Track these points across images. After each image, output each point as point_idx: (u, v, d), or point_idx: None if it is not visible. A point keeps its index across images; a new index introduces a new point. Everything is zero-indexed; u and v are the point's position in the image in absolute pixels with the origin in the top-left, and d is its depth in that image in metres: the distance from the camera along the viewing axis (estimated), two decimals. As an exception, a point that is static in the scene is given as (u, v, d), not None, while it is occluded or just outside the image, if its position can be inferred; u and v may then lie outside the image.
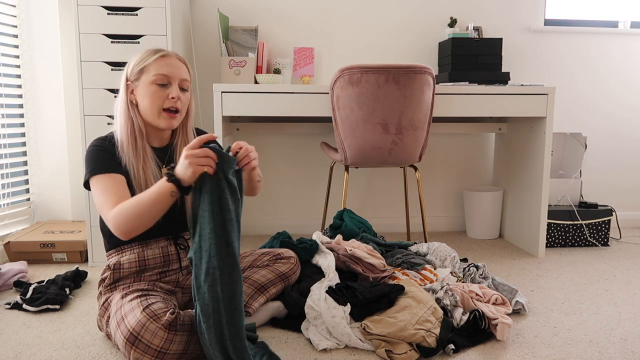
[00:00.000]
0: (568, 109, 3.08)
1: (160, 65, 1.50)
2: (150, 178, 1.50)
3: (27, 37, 2.56)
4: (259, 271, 1.67)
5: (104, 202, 1.41)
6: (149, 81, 1.49)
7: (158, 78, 1.49)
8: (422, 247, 2.13)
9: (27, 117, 2.60)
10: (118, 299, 1.43)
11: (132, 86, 1.52)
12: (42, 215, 2.68)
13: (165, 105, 1.50)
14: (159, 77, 1.49)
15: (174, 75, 1.51)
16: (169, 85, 1.51)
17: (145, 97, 1.50)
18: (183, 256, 1.59)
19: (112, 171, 1.45)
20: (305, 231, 2.95)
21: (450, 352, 1.46)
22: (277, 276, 1.67)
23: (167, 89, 1.51)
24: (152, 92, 1.49)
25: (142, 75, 1.50)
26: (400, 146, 2.25)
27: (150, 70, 1.50)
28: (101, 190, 1.42)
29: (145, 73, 1.50)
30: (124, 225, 1.35)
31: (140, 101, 1.51)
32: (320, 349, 1.48)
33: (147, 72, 1.50)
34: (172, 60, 1.53)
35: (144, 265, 1.52)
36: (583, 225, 2.67)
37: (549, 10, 3.06)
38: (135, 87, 1.52)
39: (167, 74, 1.50)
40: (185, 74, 1.55)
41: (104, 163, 1.46)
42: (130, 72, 1.52)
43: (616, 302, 1.89)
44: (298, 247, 1.86)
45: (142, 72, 1.50)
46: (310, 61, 2.75)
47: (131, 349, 1.29)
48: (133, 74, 1.51)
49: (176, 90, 1.51)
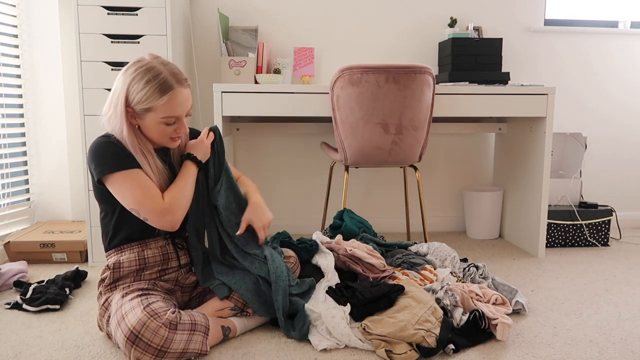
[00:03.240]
0: (568, 109, 3.08)
1: (169, 107, 1.44)
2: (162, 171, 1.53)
3: (27, 37, 2.56)
4: None
5: (145, 198, 1.42)
6: (157, 121, 1.46)
7: (167, 120, 1.46)
8: (422, 247, 2.13)
9: (27, 117, 2.60)
10: (118, 298, 1.43)
11: (135, 115, 1.46)
12: (42, 215, 2.68)
13: (173, 136, 1.51)
14: (168, 119, 1.46)
15: (182, 113, 1.48)
16: (176, 121, 1.49)
17: (152, 131, 1.48)
18: (181, 255, 1.60)
19: (132, 166, 1.45)
20: (305, 231, 2.95)
21: (450, 352, 1.46)
22: None
23: (174, 125, 1.49)
24: (161, 130, 1.48)
25: (149, 114, 1.45)
26: (400, 146, 2.25)
27: (158, 111, 1.44)
28: (133, 188, 1.42)
29: (153, 113, 1.44)
30: (182, 211, 1.49)
31: (146, 130, 1.49)
32: (320, 349, 1.48)
33: (154, 112, 1.44)
34: (181, 96, 1.46)
35: (144, 263, 1.52)
36: (583, 225, 2.67)
37: (549, 11, 3.06)
38: (139, 117, 1.46)
39: (176, 115, 1.46)
40: (190, 104, 1.51)
41: (122, 159, 1.44)
42: (134, 102, 1.43)
43: (616, 302, 1.89)
44: (298, 247, 1.86)
45: (148, 111, 1.44)
46: (310, 61, 2.75)
47: (132, 348, 1.30)
48: (137, 108, 1.44)
49: (184, 125, 1.51)
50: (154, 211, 1.43)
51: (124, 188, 1.42)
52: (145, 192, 1.43)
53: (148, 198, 1.43)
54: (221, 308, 1.56)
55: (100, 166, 1.43)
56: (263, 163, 2.91)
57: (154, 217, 1.44)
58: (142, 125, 1.48)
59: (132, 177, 1.43)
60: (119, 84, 1.46)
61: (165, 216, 1.44)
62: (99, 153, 1.44)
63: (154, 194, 1.44)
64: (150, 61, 1.46)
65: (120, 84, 1.45)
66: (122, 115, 1.45)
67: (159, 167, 1.53)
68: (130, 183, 1.42)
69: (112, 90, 1.48)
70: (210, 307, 1.56)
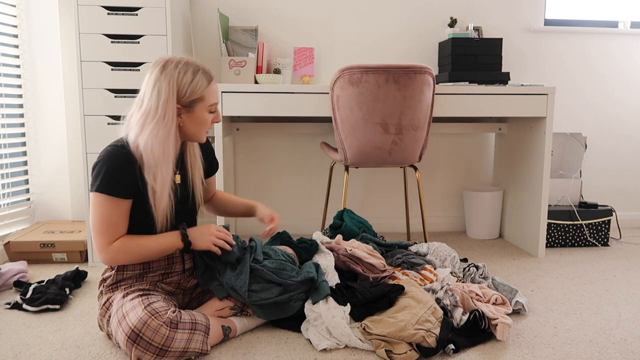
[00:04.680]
0: (568, 109, 3.08)
1: (214, 93, 1.53)
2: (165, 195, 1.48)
3: (27, 37, 2.56)
4: None
5: (101, 231, 1.42)
6: (205, 110, 1.51)
7: (213, 107, 1.53)
8: (422, 247, 2.13)
9: (27, 117, 2.60)
10: (119, 298, 1.43)
11: (182, 110, 1.48)
12: (42, 215, 2.68)
13: (209, 128, 1.57)
14: (214, 107, 1.53)
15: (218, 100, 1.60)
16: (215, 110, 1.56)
17: (198, 123, 1.51)
18: (186, 259, 1.60)
19: (120, 195, 1.41)
20: (305, 231, 2.95)
21: (450, 352, 1.46)
22: None
23: (213, 115, 1.55)
24: (205, 119, 1.52)
25: (198, 103, 1.49)
26: (400, 146, 2.25)
27: (206, 99, 1.50)
28: (103, 215, 1.41)
29: (201, 102, 1.49)
30: (122, 262, 1.45)
31: (190, 125, 1.50)
32: (320, 349, 1.48)
33: (202, 101, 1.49)
34: (215, 83, 1.55)
35: (148, 267, 1.52)
36: (583, 225, 2.67)
37: (549, 10, 3.06)
38: (186, 112, 1.48)
39: (217, 101, 1.55)
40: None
41: (116, 184, 1.40)
42: (186, 95, 1.45)
43: (616, 302, 1.89)
44: (298, 247, 1.87)
45: (198, 100, 1.48)
46: (310, 61, 2.75)
47: (132, 347, 1.30)
48: (187, 100, 1.46)
49: (219, 114, 1.58)
50: (96, 244, 1.43)
51: (95, 210, 1.42)
52: (103, 226, 1.41)
53: (101, 232, 1.42)
54: (221, 308, 1.56)
55: (94, 179, 1.42)
56: (263, 163, 2.91)
57: (96, 248, 1.44)
58: (187, 119, 1.50)
59: (107, 206, 1.41)
60: (164, 84, 1.43)
61: (101, 254, 1.43)
62: (101, 167, 1.41)
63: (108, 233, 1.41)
64: (179, 57, 1.51)
65: (166, 85, 1.43)
66: (173, 115, 1.45)
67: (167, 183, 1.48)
68: (100, 211, 1.41)
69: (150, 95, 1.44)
70: (210, 307, 1.56)
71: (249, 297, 1.53)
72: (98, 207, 1.41)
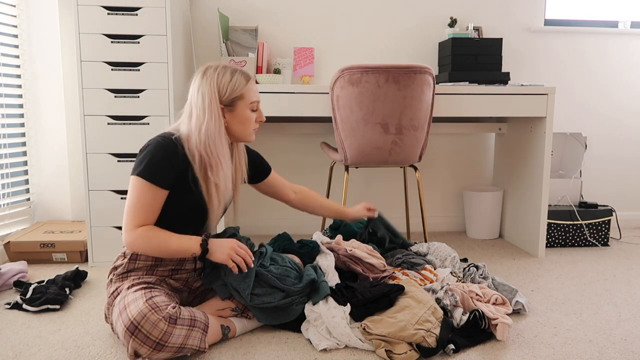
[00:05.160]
0: (568, 109, 3.08)
1: (254, 92, 1.60)
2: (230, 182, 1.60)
3: (27, 37, 2.56)
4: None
5: (133, 213, 1.46)
6: (247, 108, 1.58)
7: (253, 105, 1.60)
8: (422, 247, 2.13)
9: (27, 117, 2.60)
10: (125, 289, 1.45)
11: (226, 110, 1.56)
12: (42, 215, 2.68)
13: (255, 127, 1.64)
14: (254, 105, 1.60)
15: (259, 99, 1.64)
16: (257, 109, 1.63)
17: (242, 122, 1.58)
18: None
19: (159, 184, 1.46)
20: (305, 231, 2.95)
21: (450, 352, 1.46)
22: None
23: (256, 113, 1.63)
24: (248, 117, 1.59)
25: (239, 102, 1.56)
26: (400, 146, 2.25)
27: (246, 97, 1.57)
28: (137, 200, 1.46)
29: (241, 100, 1.56)
30: (140, 248, 1.46)
31: (234, 124, 1.58)
32: (320, 349, 1.48)
33: (243, 99, 1.57)
34: (254, 83, 1.62)
35: (160, 260, 1.54)
36: (583, 225, 2.67)
37: (549, 11, 3.06)
38: (229, 111, 1.56)
39: (258, 100, 1.62)
40: None
41: (158, 172, 1.46)
42: (226, 94, 1.54)
43: (616, 302, 1.89)
44: (300, 253, 1.86)
45: (239, 99, 1.56)
46: (310, 61, 2.75)
47: (130, 338, 1.30)
48: (228, 99, 1.54)
49: (262, 113, 1.64)
50: (124, 224, 1.47)
51: (132, 193, 1.47)
52: (135, 209, 1.46)
53: (132, 214, 1.46)
54: (222, 308, 1.56)
55: (139, 164, 1.48)
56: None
57: (123, 228, 1.48)
58: (231, 118, 1.57)
59: (144, 191, 1.46)
60: (206, 87, 1.53)
61: (124, 234, 1.47)
62: (148, 153, 1.47)
63: (138, 215, 1.46)
64: (217, 63, 1.61)
65: (207, 87, 1.53)
66: (219, 115, 1.53)
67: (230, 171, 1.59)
68: (138, 194, 1.46)
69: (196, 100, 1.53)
70: (212, 305, 1.57)
71: (251, 300, 1.53)
72: (136, 190, 1.46)
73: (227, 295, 1.56)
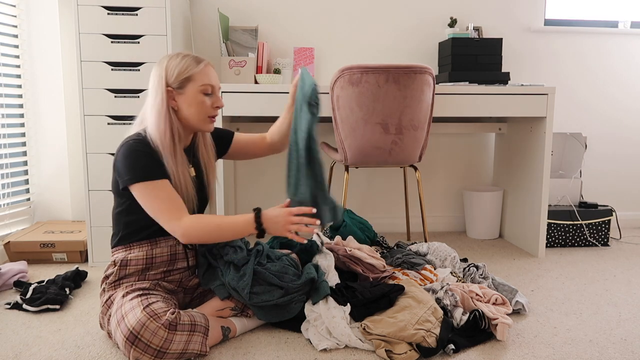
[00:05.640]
0: (568, 109, 3.08)
1: (206, 74, 1.54)
2: (188, 180, 1.54)
3: (27, 37, 2.56)
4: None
5: (166, 210, 1.45)
6: (197, 90, 1.53)
7: (205, 88, 1.54)
8: (422, 247, 2.13)
9: (27, 117, 2.60)
10: (119, 297, 1.43)
11: (174, 93, 1.52)
12: (42, 215, 2.68)
13: (211, 113, 1.57)
14: (206, 87, 1.54)
15: (216, 84, 1.58)
16: (212, 94, 1.57)
17: (192, 105, 1.53)
18: (190, 256, 1.60)
19: (158, 177, 1.46)
20: (305, 231, 2.94)
21: (450, 352, 1.46)
22: None
23: (211, 98, 1.57)
24: (200, 101, 1.54)
25: (189, 84, 1.52)
26: (400, 146, 2.25)
27: (197, 79, 1.53)
28: (157, 199, 1.45)
29: (192, 82, 1.52)
30: (195, 237, 1.46)
31: (185, 108, 1.53)
32: (320, 349, 1.48)
33: (193, 81, 1.52)
34: (212, 69, 1.58)
35: (151, 263, 1.53)
36: (583, 225, 2.67)
37: (549, 11, 3.06)
38: (178, 94, 1.53)
39: (212, 83, 1.56)
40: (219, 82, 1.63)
41: (149, 169, 1.46)
42: (172, 79, 1.51)
43: (616, 302, 1.89)
44: (298, 249, 1.86)
45: (188, 81, 1.52)
46: (310, 61, 2.75)
47: (131, 348, 1.30)
48: (177, 82, 1.51)
49: (219, 98, 1.59)
50: (168, 227, 1.46)
51: (147, 199, 1.45)
52: (168, 205, 1.45)
53: (169, 211, 1.45)
54: (221, 308, 1.56)
55: (129, 174, 1.45)
56: (263, 163, 2.91)
57: (170, 231, 1.47)
58: (181, 102, 1.53)
59: (159, 188, 1.45)
60: (156, 73, 1.53)
61: (176, 234, 1.46)
62: (130, 159, 1.45)
63: (175, 208, 1.46)
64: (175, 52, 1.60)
65: (157, 72, 1.53)
66: (164, 98, 1.50)
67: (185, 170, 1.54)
68: (153, 194, 1.45)
69: (149, 86, 1.54)
70: (211, 306, 1.56)
71: (250, 299, 1.53)
72: (147, 194, 1.45)
73: (226, 295, 1.56)
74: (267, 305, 1.55)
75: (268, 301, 1.54)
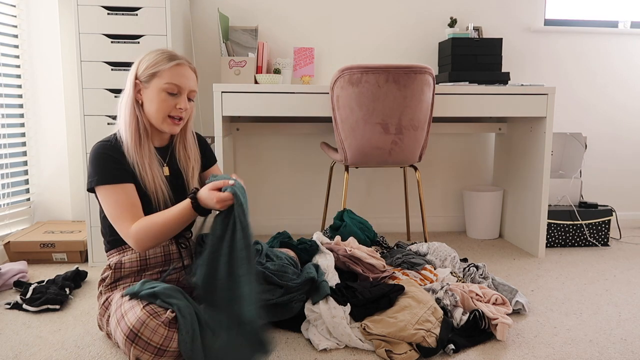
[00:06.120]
0: (568, 109, 3.08)
1: (174, 74, 1.50)
2: (157, 176, 1.52)
3: (27, 37, 2.56)
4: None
5: (119, 216, 1.44)
6: (160, 87, 1.50)
7: (170, 87, 1.50)
8: (422, 247, 2.13)
9: (27, 117, 2.60)
10: (118, 297, 1.43)
11: (141, 86, 1.52)
12: (42, 216, 2.68)
13: (172, 113, 1.53)
14: (171, 87, 1.50)
15: (185, 86, 1.52)
16: (178, 95, 1.52)
17: (153, 101, 1.50)
18: (185, 256, 1.60)
19: (121, 181, 1.46)
20: (305, 231, 2.95)
21: (450, 352, 1.46)
22: None
23: (175, 99, 1.52)
24: (161, 99, 1.50)
25: (154, 80, 1.50)
26: (400, 146, 2.25)
27: (163, 76, 1.49)
28: (114, 203, 1.44)
29: (158, 78, 1.49)
30: (147, 242, 1.43)
31: (147, 103, 1.52)
32: (320, 349, 1.48)
33: (159, 78, 1.49)
34: (186, 70, 1.53)
35: (145, 264, 1.52)
36: (583, 225, 2.67)
37: (549, 11, 3.06)
38: (144, 88, 1.51)
39: (179, 84, 1.51)
40: (194, 85, 1.57)
41: (112, 172, 1.45)
42: (141, 72, 1.50)
43: (616, 302, 1.89)
44: (298, 248, 1.86)
45: (154, 76, 1.50)
46: (310, 61, 2.75)
47: (131, 346, 1.30)
48: (144, 75, 1.50)
49: (184, 101, 1.53)
50: (122, 232, 1.45)
51: (106, 202, 1.46)
52: (119, 211, 1.44)
53: (119, 218, 1.44)
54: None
55: (91, 176, 1.47)
56: (263, 163, 2.91)
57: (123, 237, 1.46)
58: (145, 97, 1.51)
59: (115, 193, 1.45)
60: (133, 64, 1.53)
61: (132, 241, 1.44)
62: (93, 162, 1.47)
63: (125, 216, 1.44)
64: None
65: (134, 64, 1.53)
66: (131, 90, 1.50)
67: (156, 169, 1.53)
68: (110, 199, 1.45)
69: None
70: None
71: None
72: (106, 199, 1.45)
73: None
74: (267, 305, 1.55)
75: (268, 300, 1.53)
